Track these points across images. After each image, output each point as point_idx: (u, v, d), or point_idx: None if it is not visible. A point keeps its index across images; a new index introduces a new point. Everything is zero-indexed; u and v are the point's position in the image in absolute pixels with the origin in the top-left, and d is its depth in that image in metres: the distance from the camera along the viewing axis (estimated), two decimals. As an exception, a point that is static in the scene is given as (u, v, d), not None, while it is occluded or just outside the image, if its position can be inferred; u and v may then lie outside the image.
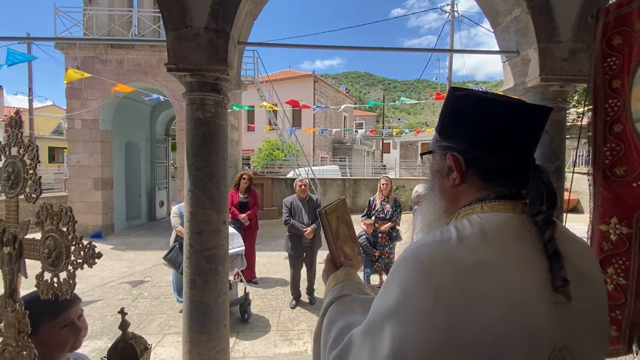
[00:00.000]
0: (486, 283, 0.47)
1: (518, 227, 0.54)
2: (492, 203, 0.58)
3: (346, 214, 1.00)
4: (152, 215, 10.13)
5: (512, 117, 0.59)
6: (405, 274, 0.51)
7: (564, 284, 0.49)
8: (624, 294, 1.40)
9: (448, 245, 0.52)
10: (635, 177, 1.36)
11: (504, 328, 0.45)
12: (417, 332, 0.47)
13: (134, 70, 7.78)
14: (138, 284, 4.97)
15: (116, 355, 0.94)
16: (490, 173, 0.60)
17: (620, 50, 1.39)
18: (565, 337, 0.49)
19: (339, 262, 0.89)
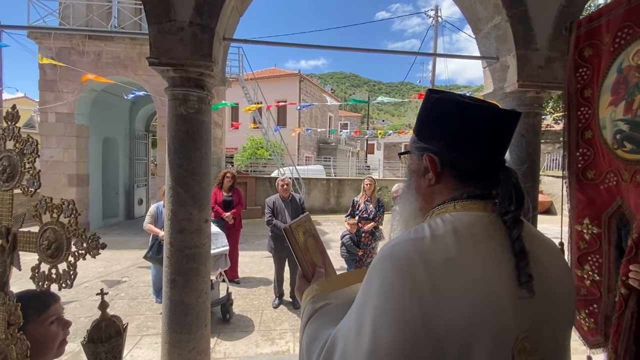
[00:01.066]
0: (457, 279, 0.50)
1: (488, 226, 0.57)
2: (464, 202, 0.61)
3: (312, 228, 1.00)
4: (130, 213, 9.83)
5: (486, 120, 0.62)
6: (382, 272, 0.53)
7: (528, 280, 0.52)
8: (598, 289, 1.48)
9: (422, 243, 0.54)
10: (602, 179, 1.43)
11: (473, 321, 0.48)
12: (395, 326, 0.49)
13: (112, 63, 7.52)
14: (114, 284, 4.81)
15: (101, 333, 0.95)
16: (463, 174, 0.63)
17: (591, 62, 1.46)
18: (527, 328, 0.52)
19: (310, 275, 0.88)
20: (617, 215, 1.38)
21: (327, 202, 12.15)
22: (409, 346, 0.48)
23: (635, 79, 1.24)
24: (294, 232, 0.90)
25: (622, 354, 1.23)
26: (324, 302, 0.75)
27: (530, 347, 0.52)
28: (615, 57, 1.33)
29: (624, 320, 1.22)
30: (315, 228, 1.01)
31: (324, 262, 0.97)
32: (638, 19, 1.23)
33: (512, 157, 2.56)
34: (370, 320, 0.51)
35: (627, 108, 1.27)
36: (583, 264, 1.51)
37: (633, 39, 1.25)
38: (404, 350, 0.48)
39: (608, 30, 1.37)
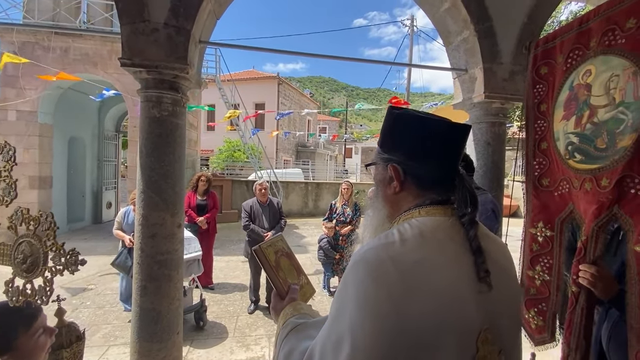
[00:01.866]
0: (426, 278, 0.55)
1: (449, 228, 0.63)
2: (427, 208, 0.66)
3: (286, 248, 1.01)
4: (98, 217, 9.36)
5: (440, 133, 0.68)
6: (356, 277, 0.57)
7: (486, 275, 0.58)
8: (548, 288, 1.59)
9: (392, 247, 0.59)
10: (556, 187, 1.55)
11: (441, 315, 0.53)
12: (372, 327, 0.52)
13: (81, 60, 7.17)
14: (79, 292, 4.57)
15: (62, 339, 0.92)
16: (424, 181, 0.69)
17: (547, 79, 1.59)
18: (488, 320, 0.58)
19: (284, 292, 0.89)
20: (569, 219, 1.50)
21: (305, 206, 12.14)
22: (387, 345, 0.51)
23: (584, 96, 1.36)
24: (264, 252, 0.91)
25: (574, 348, 1.33)
26: (302, 320, 0.76)
27: (491, 337, 0.57)
28: (568, 76, 1.45)
29: (575, 316, 1.32)
30: (289, 247, 1.03)
31: (300, 280, 0.98)
32: (587, 42, 1.35)
33: (479, 164, 2.70)
34: (348, 325, 0.54)
35: (577, 122, 1.39)
36: (535, 265, 1.62)
37: (583, 59, 1.37)
38: (382, 350, 0.51)
39: (561, 50, 1.49)
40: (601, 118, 1.25)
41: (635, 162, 1.11)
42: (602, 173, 1.23)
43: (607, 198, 1.18)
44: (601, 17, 1.27)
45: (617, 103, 1.19)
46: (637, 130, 1.10)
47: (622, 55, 1.17)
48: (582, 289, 1.29)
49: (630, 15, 1.13)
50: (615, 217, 1.17)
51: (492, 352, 0.57)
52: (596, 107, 1.28)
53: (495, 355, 0.58)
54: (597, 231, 1.22)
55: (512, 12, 2.63)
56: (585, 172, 1.32)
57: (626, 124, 1.15)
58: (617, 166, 1.16)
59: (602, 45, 1.26)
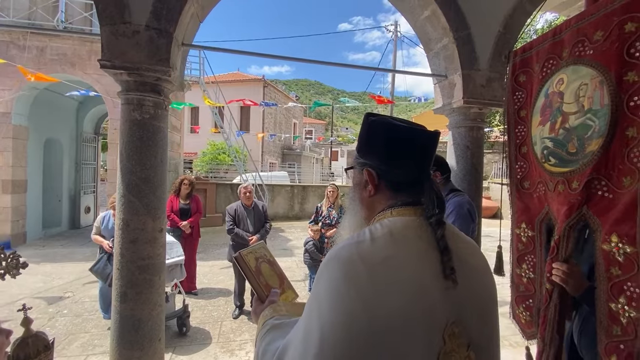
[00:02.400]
0: (393, 274, 0.58)
1: (418, 228, 0.66)
2: (399, 209, 0.70)
3: (267, 254, 1.02)
4: (76, 222, 9.03)
5: (411, 139, 0.72)
6: (328, 273, 0.60)
7: (451, 272, 0.61)
8: (533, 285, 1.65)
9: (363, 245, 0.61)
10: (535, 189, 1.62)
11: (408, 309, 0.56)
12: (341, 319, 0.54)
13: (58, 60, 6.93)
14: (56, 300, 4.39)
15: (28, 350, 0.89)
16: (397, 185, 0.72)
17: (525, 86, 1.66)
18: (454, 315, 0.60)
19: (265, 297, 0.90)
20: (546, 220, 1.57)
21: (291, 209, 12.10)
22: (354, 338, 0.53)
23: (557, 103, 1.43)
24: (244, 259, 0.92)
25: (548, 342, 1.39)
26: (280, 321, 0.78)
27: (459, 331, 0.60)
28: (543, 84, 1.52)
29: (549, 312, 1.38)
30: (271, 254, 1.03)
31: (281, 285, 0.98)
32: (560, 52, 1.43)
33: (458, 167, 2.78)
34: (318, 319, 0.56)
35: (551, 128, 1.46)
36: (521, 264, 1.68)
37: (556, 68, 1.45)
38: (350, 343, 0.53)
39: (537, 60, 1.56)
40: (572, 124, 1.32)
41: (601, 166, 1.18)
42: (573, 176, 1.29)
43: (577, 199, 1.25)
44: (572, 29, 1.34)
45: (585, 110, 1.26)
46: (603, 135, 1.17)
47: (590, 65, 1.24)
48: (555, 286, 1.35)
49: (598, 27, 1.20)
50: (584, 217, 1.24)
51: (460, 346, 0.60)
52: (568, 113, 1.35)
53: (463, 349, 0.60)
54: (568, 231, 1.28)
55: (489, 21, 2.73)
56: (559, 175, 1.39)
57: (593, 129, 1.21)
58: (586, 169, 1.22)
59: (573, 56, 1.33)
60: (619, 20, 1.11)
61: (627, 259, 1.08)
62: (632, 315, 1.08)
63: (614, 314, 1.14)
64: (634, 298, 1.07)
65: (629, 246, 1.07)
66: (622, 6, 1.11)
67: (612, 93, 1.14)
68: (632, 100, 1.09)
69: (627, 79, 1.10)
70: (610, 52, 1.14)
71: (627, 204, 1.08)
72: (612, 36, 1.14)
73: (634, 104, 1.08)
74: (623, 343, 1.11)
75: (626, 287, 1.10)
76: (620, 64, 1.12)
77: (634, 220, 1.05)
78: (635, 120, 1.08)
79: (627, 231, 1.08)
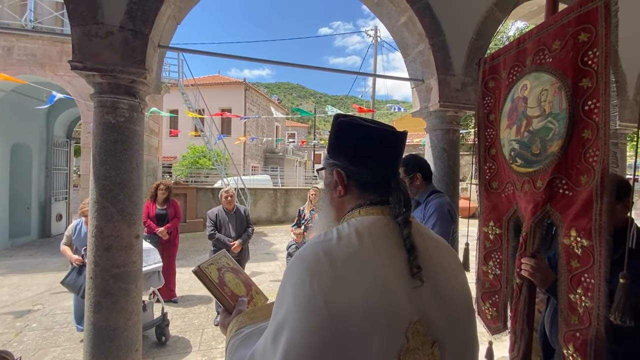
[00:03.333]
0: (357, 270, 0.59)
1: (384, 227, 0.67)
2: (367, 208, 0.71)
3: (230, 263, 1.00)
4: (47, 231, 8.60)
5: (378, 140, 0.73)
6: (294, 271, 0.61)
7: (418, 271, 0.62)
8: (499, 281, 1.72)
9: (329, 243, 0.62)
10: (503, 189, 1.69)
11: (370, 305, 0.56)
12: (304, 316, 0.55)
13: (26, 60, 6.63)
14: (24, 314, 4.16)
15: None
16: (365, 185, 0.73)
17: (494, 92, 1.74)
18: (419, 313, 0.60)
19: (232, 307, 0.89)
20: (514, 218, 1.64)
21: (274, 213, 12.02)
22: (319, 333, 0.54)
23: (522, 107, 1.51)
24: (204, 272, 0.90)
25: (519, 335, 1.45)
26: (250, 329, 0.77)
27: (423, 329, 0.60)
28: (510, 89, 1.60)
29: (519, 305, 1.45)
30: (234, 262, 1.01)
31: (249, 292, 0.97)
32: (524, 60, 1.51)
33: (436, 168, 2.86)
34: (285, 316, 0.57)
35: (517, 130, 1.54)
36: (488, 261, 1.75)
37: (521, 75, 1.53)
38: (314, 338, 0.54)
39: (504, 67, 1.65)
40: (535, 127, 1.40)
41: (562, 166, 1.26)
42: (537, 175, 1.37)
43: (541, 197, 1.32)
44: (534, 39, 1.42)
45: (546, 114, 1.34)
46: (562, 137, 1.25)
47: (550, 72, 1.32)
48: (525, 280, 1.41)
49: (556, 37, 1.29)
50: (548, 214, 1.31)
51: (424, 343, 0.60)
52: (531, 117, 1.43)
53: (428, 347, 0.61)
54: (534, 227, 1.36)
55: (463, 28, 2.85)
56: (525, 175, 1.46)
57: (554, 132, 1.29)
58: (548, 169, 1.30)
59: (535, 63, 1.41)
60: (574, 31, 1.20)
61: (585, 252, 1.16)
62: (587, 305, 1.16)
63: (572, 304, 1.21)
64: (589, 289, 1.15)
65: (586, 240, 1.15)
66: (576, 18, 1.20)
67: (569, 98, 1.22)
68: (586, 104, 1.17)
69: (582, 85, 1.19)
70: (567, 60, 1.23)
71: (585, 200, 1.16)
72: (568, 45, 1.22)
73: (588, 108, 1.16)
74: (579, 331, 1.19)
75: (583, 279, 1.17)
76: (575, 71, 1.20)
77: (590, 216, 1.13)
78: (590, 123, 1.16)
79: (584, 226, 1.15)
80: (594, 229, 1.11)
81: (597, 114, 1.13)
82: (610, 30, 1.10)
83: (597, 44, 1.13)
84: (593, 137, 1.14)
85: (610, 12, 1.10)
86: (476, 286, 1.85)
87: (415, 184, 2.18)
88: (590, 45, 1.14)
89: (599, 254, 1.11)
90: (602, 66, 1.12)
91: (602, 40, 1.11)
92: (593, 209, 1.12)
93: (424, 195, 2.16)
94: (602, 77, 1.11)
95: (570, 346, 1.21)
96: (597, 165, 1.13)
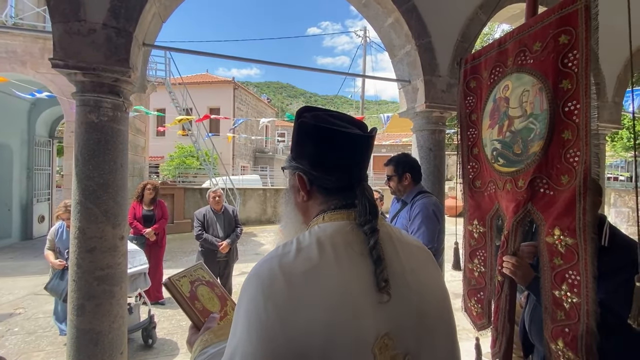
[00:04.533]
0: (315, 287, 0.54)
1: (348, 234, 0.62)
2: (330, 214, 0.66)
3: (206, 276, 0.95)
4: (28, 233, 8.35)
5: (341, 144, 0.66)
6: (248, 292, 0.55)
7: (385, 285, 0.57)
8: (484, 279, 1.75)
9: (286, 258, 0.57)
10: (486, 188, 1.72)
11: (330, 324, 0.51)
12: (257, 340, 0.50)
13: (7, 57, 6.41)
14: (5, 318, 4.03)
15: None
16: (329, 190, 0.68)
17: (475, 92, 1.77)
18: (386, 327, 0.56)
19: (201, 324, 0.83)
20: (497, 216, 1.68)
21: (263, 213, 11.96)
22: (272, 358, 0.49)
23: (504, 107, 1.54)
24: (175, 285, 0.85)
25: (501, 331, 1.49)
26: (214, 350, 0.71)
27: (392, 343, 0.56)
28: (492, 90, 1.63)
29: (501, 302, 1.48)
30: (211, 275, 0.96)
31: (223, 307, 0.92)
32: (505, 60, 1.54)
33: (422, 168, 2.89)
34: (238, 340, 0.52)
35: (499, 130, 1.57)
36: (473, 259, 1.79)
37: (503, 75, 1.56)
38: None
39: (486, 67, 1.68)
40: (517, 127, 1.43)
41: (542, 166, 1.29)
42: (518, 175, 1.40)
43: (523, 197, 1.35)
44: (515, 39, 1.45)
45: (528, 114, 1.37)
46: (543, 137, 1.28)
47: (531, 74, 1.35)
48: (506, 277, 1.45)
49: (537, 39, 1.32)
50: (529, 213, 1.34)
51: (395, 357, 0.57)
52: (513, 117, 1.46)
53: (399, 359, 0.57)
54: (516, 226, 1.39)
55: (448, 30, 2.89)
56: (507, 175, 1.49)
57: (535, 132, 1.32)
58: (529, 169, 1.33)
59: (516, 64, 1.44)
60: (554, 33, 1.23)
61: (568, 250, 1.19)
62: (574, 301, 1.18)
63: (557, 300, 1.24)
64: (575, 285, 1.18)
65: (570, 238, 1.18)
66: (557, 20, 1.22)
67: (549, 99, 1.25)
68: (566, 105, 1.20)
69: (562, 87, 1.22)
70: (547, 61, 1.25)
71: (567, 200, 1.19)
72: (549, 47, 1.25)
73: (568, 109, 1.20)
74: (568, 327, 1.21)
75: (567, 275, 1.20)
76: (555, 73, 1.23)
77: (574, 215, 1.16)
78: (570, 124, 1.19)
79: (568, 225, 1.18)
80: (578, 227, 1.14)
81: (578, 116, 1.16)
82: (590, 33, 1.13)
83: (577, 46, 1.15)
84: (574, 137, 1.17)
85: (590, 15, 1.12)
86: (463, 283, 1.88)
87: (403, 183, 2.21)
88: (571, 48, 1.17)
89: (584, 251, 1.13)
90: (582, 68, 1.14)
91: (582, 42, 1.14)
92: (577, 208, 1.14)
93: (410, 196, 2.18)
94: (583, 79, 1.14)
95: (560, 341, 1.23)
96: (578, 165, 1.16)
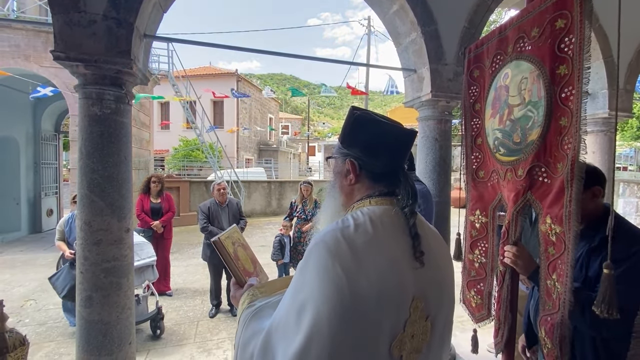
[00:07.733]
0: (372, 253, 0.67)
1: (393, 216, 0.75)
2: (376, 199, 0.78)
3: (241, 238, 1.05)
4: (37, 226, 8.50)
5: (391, 135, 0.80)
6: (317, 255, 0.67)
7: (420, 255, 0.72)
8: (484, 270, 1.75)
9: (347, 230, 0.70)
10: (489, 178, 1.71)
11: (383, 285, 0.65)
12: (330, 292, 0.62)
13: (10, 52, 6.44)
14: (16, 309, 4.14)
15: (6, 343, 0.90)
16: (376, 176, 0.80)
17: (479, 81, 1.74)
18: (419, 291, 0.71)
19: (244, 282, 0.94)
20: (499, 207, 1.67)
21: (268, 205, 12.02)
22: (343, 307, 0.61)
23: (504, 96, 1.51)
24: (223, 244, 0.94)
25: (503, 321, 1.49)
26: (262, 303, 0.83)
27: (422, 306, 0.71)
28: (493, 78, 1.61)
29: (503, 292, 1.48)
30: (243, 238, 1.06)
31: (255, 269, 1.02)
32: (505, 48, 1.51)
33: (428, 158, 2.88)
34: (310, 292, 0.63)
35: (500, 119, 1.55)
36: (474, 250, 1.78)
37: (503, 64, 1.53)
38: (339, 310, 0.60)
39: (488, 55, 1.65)
40: (516, 115, 1.41)
41: (541, 154, 1.27)
42: (518, 164, 1.39)
43: (522, 186, 1.34)
44: (514, 26, 1.42)
45: (526, 102, 1.35)
46: (541, 125, 1.26)
47: (529, 60, 1.32)
48: (507, 267, 1.44)
49: (535, 25, 1.29)
50: (529, 202, 1.33)
51: (421, 317, 0.71)
52: (512, 105, 1.44)
53: (422, 320, 0.71)
54: (516, 215, 1.38)
55: (455, 17, 2.83)
56: (508, 164, 1.48)
57: (533, 120, 1.31)
58: (528, 157, 1.32)
59: (515, 51, 1.41)
60: (551, 18, 1.20)
61: (558, 239, 1.18)
62: (559, 290, 1.17)
63: (549, 289, 1.24)
64: (561, 274, 1.17)
65: (558, 226, 1.17)
66: (553, 4, 1.20)
67: (546, 85, 1.23)
68: (563, 91, 1.18)
69: (559, 72, 1.19)
70: (545, 47, 1.23)
71: (558, 187, 1.17)
72: (546, 32, 1.22)
73: (565, 95, 1.17)
74: (550, 315, 1.21)
75: (557, 265, 1.19)
76: (552, 58, 1.20)
77: (562, 203, 1.14)
78: (566, 110, 1.17)
79: (556, 212, 1.17)
80: (565, 215, 1.13)
81: (573, 101, 1.14)
82: (584, 16, 1.10)
83: (572, 30, 1.13)
84: (568, 124, 1.15)
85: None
86: (462, 274, 1.88)
87: None
88: (567, 32, 1.15)
89: (569, 241, 1.13)
90: (577, 53, 1.12)
91: (577, 26, 1.12)
92: (564, 196, 1.13)
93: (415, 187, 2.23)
94: (577, 63, 1.12)
95: (542, 330, 1.23)
96: (570, 152, 1.14)
